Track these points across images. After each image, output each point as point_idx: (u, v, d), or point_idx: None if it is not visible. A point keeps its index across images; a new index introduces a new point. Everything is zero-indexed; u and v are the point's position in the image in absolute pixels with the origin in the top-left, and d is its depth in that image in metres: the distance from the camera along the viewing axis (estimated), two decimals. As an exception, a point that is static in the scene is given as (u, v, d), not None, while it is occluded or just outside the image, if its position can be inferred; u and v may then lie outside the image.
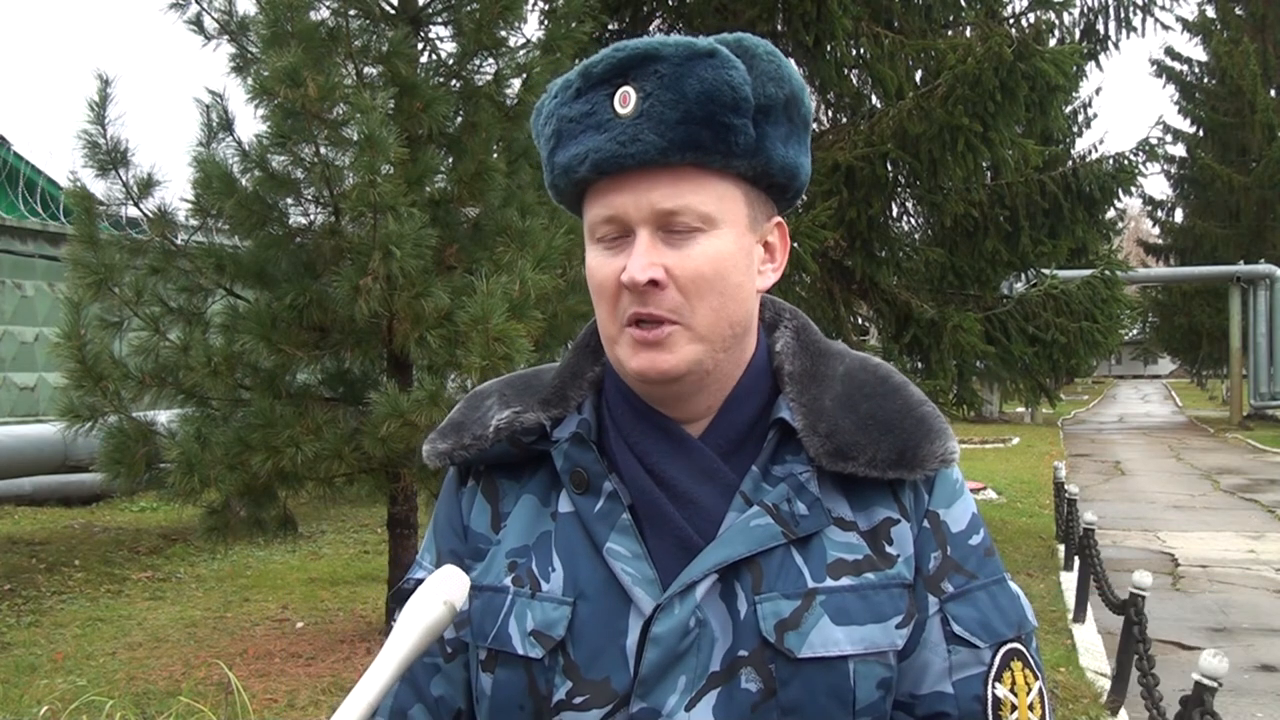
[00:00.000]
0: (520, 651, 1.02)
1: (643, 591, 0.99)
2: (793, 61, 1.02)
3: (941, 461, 1.05)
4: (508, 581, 1.05)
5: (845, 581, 1.00)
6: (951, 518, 1.07)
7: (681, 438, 1.05)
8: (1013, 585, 1.09)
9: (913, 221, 10.49)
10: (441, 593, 0.92)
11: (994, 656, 1.03)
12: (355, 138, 5.14)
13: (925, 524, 1.05)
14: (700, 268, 0.98)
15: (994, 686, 1.02)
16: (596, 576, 1.02)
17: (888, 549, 1.03)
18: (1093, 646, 6.54)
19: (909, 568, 1.03)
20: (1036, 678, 1.06)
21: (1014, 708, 1.02)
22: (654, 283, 0.97)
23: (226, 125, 5.75)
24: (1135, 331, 35.02)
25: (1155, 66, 29.60)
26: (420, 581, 1.10)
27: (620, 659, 0.99)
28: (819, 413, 1.04)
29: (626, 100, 0.98)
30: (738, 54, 0.99)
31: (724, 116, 0.97)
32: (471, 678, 1.08)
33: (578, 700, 0.99)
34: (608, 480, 1.04)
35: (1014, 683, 1.03)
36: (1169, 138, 27.89)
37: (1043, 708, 1.05)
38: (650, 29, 9.58)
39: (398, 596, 1.13)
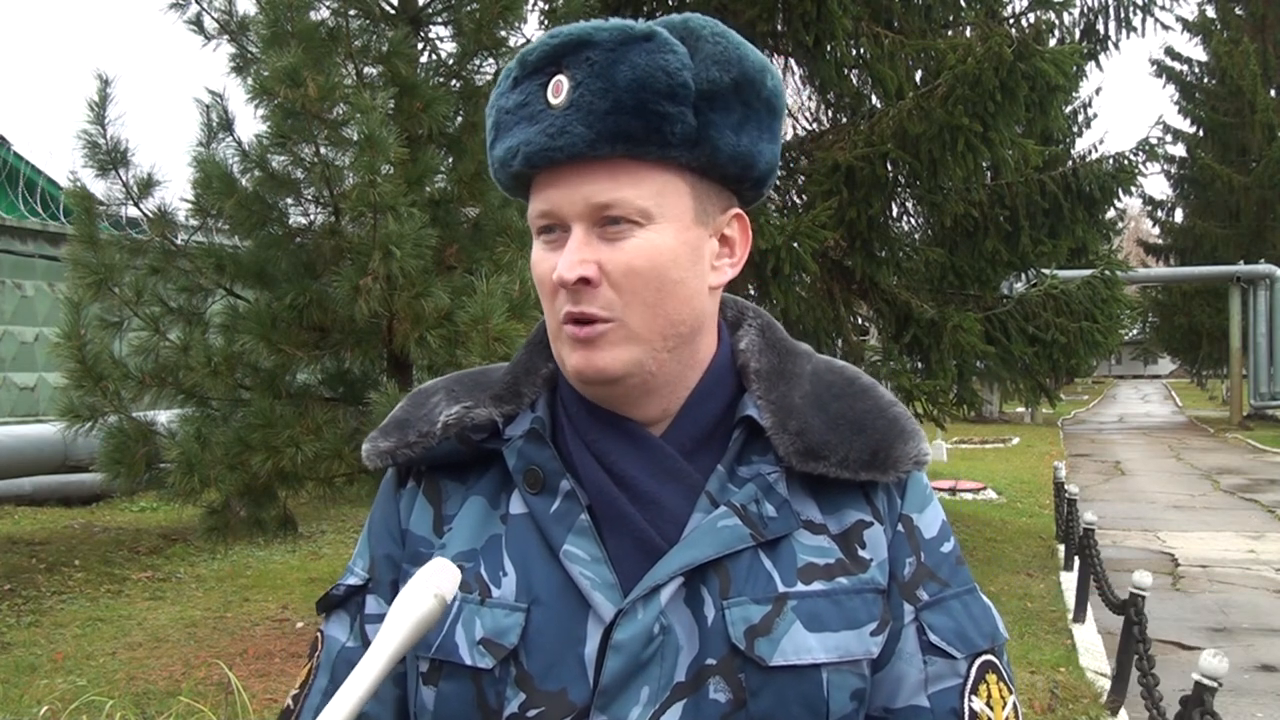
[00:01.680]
0: (468, 662, 0.95)
1: (602, 596, 0.94)
2: (756, 46, 0.98)
3: (914, 463, 1.01)
4: None
5: (817, 586, 0.96)
6: (924, 523, 1.03)
7: (642, 437, 0.99)
8: (983, 596, 1.06)
9: (913, 221, 10.49)
10: (431, 586, 0.89)
11: (969, 668, 1.00)
12: (355, 138, 5.14)
13: (900, 528, 1.02)
14: (633, 263, 0.93)
15: (970, 700, 0.99)
16: (552, 581, 0.96)
17: (860, 553, 0.99)
18: (1093, 646, 6.54)
19: (883, 572, 0.99)
20: (1010, 691, 1.02)
21: None
22: (585, 280, 0.93)
23: (226, 125, 5.75)
24: (1135, 331, 35.02)
25: (1155, 66, 29.62)
26: (350, 588, 1.08)
27: (578, 669, 0.93)
28: (788, 410, 1.00)
29: (559, 90, 0.93)
30: (682, 36, 0.94)
31: (657, 104, 0.92)
32: (409, 692, 1.01)
33: (532, 713, 0.93)
34: (564, 479, 0.98)
35: (989, 696, 1.00)
36: (1169, 138, 27.92)
37: None
38: (650, 29, 9.57)
39: (325, 604, 1.09)
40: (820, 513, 1.00)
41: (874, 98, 9.41)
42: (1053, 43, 9.52)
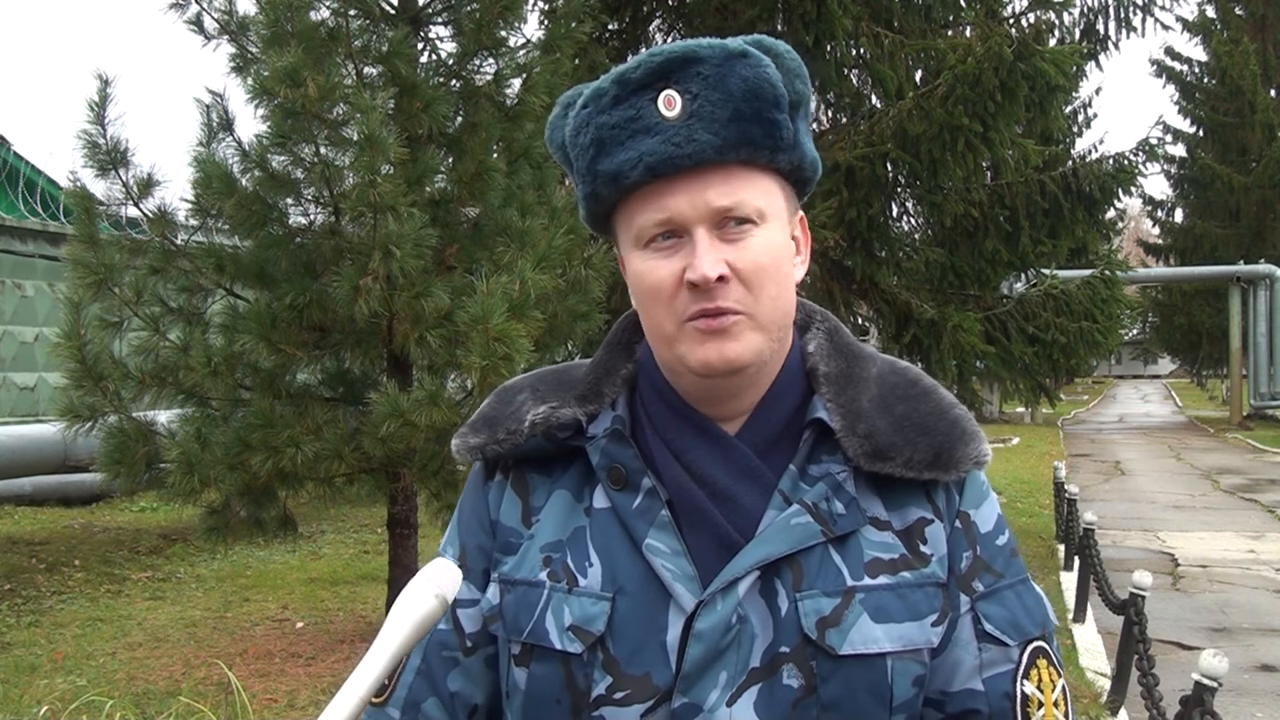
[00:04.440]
0: (558, 646, 1.02)
1: (683, 588, 1.00)
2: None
3: (975, 463, 1.07)
4: (543, 576, 1.05)
5: (883, 580, 1.02)
6: (981, 518, 1.09)
7: (719, 435, 1.06)
8: (1035, 585, 1.12)
9: (913, 221, 10.48)
10: (433, 586, 0.91)
11: (1022, 654, 1.06)
12: (355, 138, 5.14)
13: (957, 524, 1.08)
14: (759, 259, 1.01)
15: (1022, 684, 1.05)
16: (635, 572, 1.03)
17: (922, 548, 1.05)
18: (1093, 646, 6.54)
19: (943, 567, 1.05)
20: (1060, 675, 1.09)
21: (1041, 704, 1.05)
22: (720, 278, 0.99)
23: (226, 125, 5.75)
24: (1135, 331, 35.02)
25: (1155, 66, 29.61)
26: None
27: (661, 655, 1.00)
28: (857, 414, 1.06)
29: (672, 103, 0.99)
30: (764, 53, 1.02)
31: (769, 113, 1.00)
32: (502, 672, 1.08)
33: (618, 695, 1.00)
34: (646, 477, 1.05)
35: (1040, 680, 1.06)
36: (1169, 138, 27.92)
37: (1066, 704, 1.08)
38: (650, 29, 9.58)
39: None
40: (885, 510, 1.06)
41: (874, 98, 9.41)
42: (1053, 43, 9.52)
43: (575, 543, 1.06)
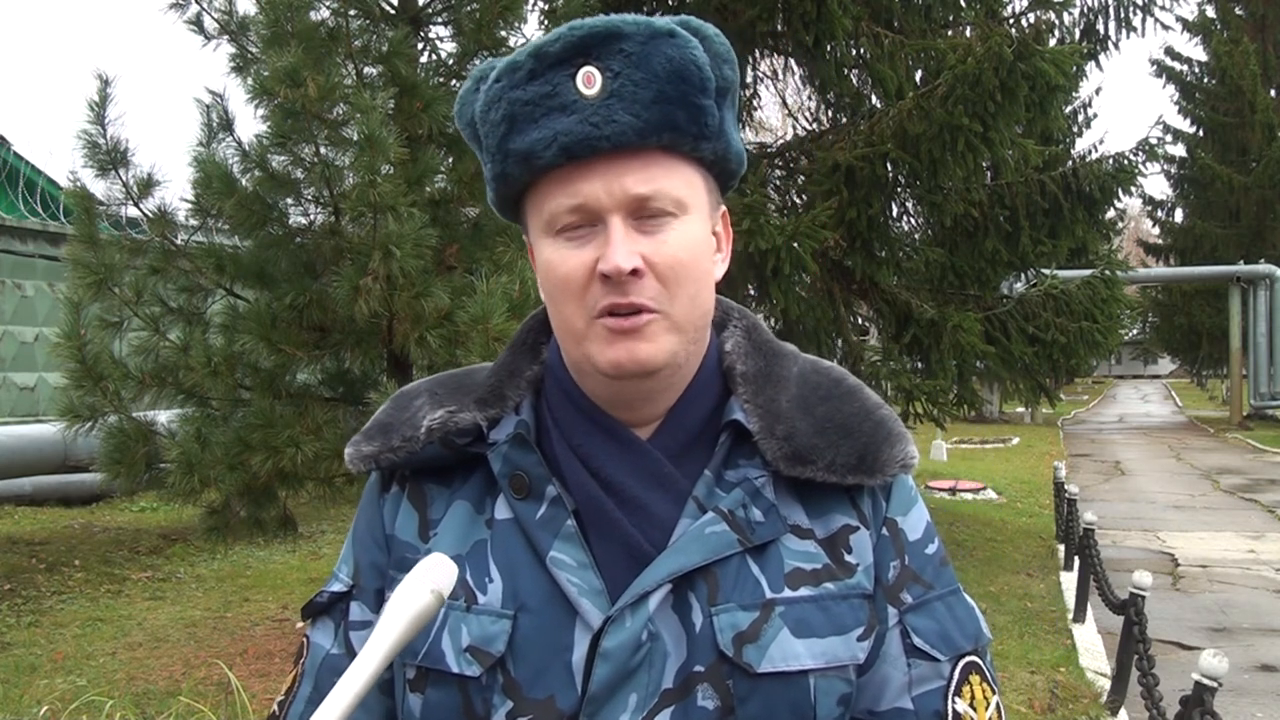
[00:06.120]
0: (454, 669, 0.95)
1: (590, 603, 0.93)
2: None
3: (901, 466, 1.00)
4: None
5: (804, 592, 0.95)
6: (909, 526, 1.03)
7: (629, 440, 0.98)
8: (967, 597, 1.06)
9: (913, 221, 10.48)
10: (429, 581, 0.88)
11: (953, 670, 0.99)
12: (355, 138, 5.14)
13: (884, 531, 1.01)
14: (677, 254, 0.93)
15: (954, 701, 0.98)
16: (539, 587, 0.95)
17: (847, 558, 0.98)
18: (1093, 646, 6.54)
19: (868, 577, 0.99)
20: (994, 692, 1.02)
21: None
22: (635, 271, 0.92)
23: (226, 125, 5.75)
24: (1135, 331, 35.02)
25: (1155, 66, 29.63)
26: (334, 594, 1.06)
27: (565, 676, 0.93)
28: (776, 415, 0.99)
29: (591, 81, 0.91)
30: (691, 34, 0.95)
31: (695, 97, 0.93)
32: (397, 698, 1.01)
33: None
34: (550, 484, 0.97)
35: (973, 697, 1.00)
36: (1169, 138, 27.97)
37: None
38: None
39: (309, 610, 1.07)
40: (807, 517, 0.99)
41: (874, 98, 9.41)
42: (1053, 43, 9.51)
43: (475, 557, 0.98)
